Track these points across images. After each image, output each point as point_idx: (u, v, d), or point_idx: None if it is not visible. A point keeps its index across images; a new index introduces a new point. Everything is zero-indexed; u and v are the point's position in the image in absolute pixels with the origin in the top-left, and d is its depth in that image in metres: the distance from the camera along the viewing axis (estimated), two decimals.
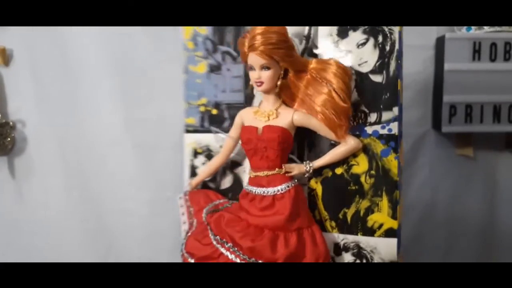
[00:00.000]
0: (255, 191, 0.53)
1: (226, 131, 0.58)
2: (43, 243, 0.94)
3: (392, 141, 0.56)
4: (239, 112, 0.57)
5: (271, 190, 0.54)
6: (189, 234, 0.59)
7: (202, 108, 0.61)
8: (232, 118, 0.59)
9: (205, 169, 0.58)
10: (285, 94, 0.55)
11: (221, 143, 0.60)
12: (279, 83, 0.54)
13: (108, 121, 0.91)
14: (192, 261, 0.54)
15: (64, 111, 0.91)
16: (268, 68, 0.52)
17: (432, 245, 1.07)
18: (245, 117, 0.55)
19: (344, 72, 0.55)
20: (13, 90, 0.90)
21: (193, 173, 0.61)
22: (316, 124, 0.55)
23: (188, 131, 0.61)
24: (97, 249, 0.94)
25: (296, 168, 0.56)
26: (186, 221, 0.58)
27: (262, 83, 0.52)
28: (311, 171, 0.56)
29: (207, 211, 0.57)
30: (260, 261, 0.51)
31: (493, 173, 1.08)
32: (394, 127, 0.56)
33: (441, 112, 1.01)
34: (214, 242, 0.53)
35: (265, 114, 0.54)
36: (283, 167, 0.55)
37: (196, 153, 0.61)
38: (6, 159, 0.91)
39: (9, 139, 0.90)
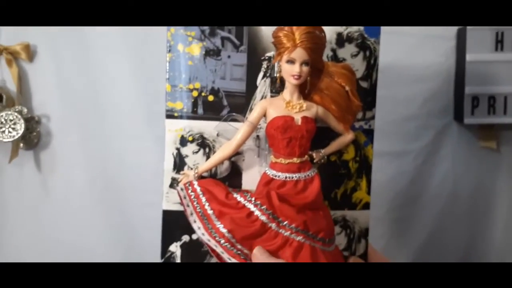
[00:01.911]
0: (286, 177, 0.57)
1: (225, 119, 0.59)
2: (67, 234, 0.95)
3: (370, 134, 0.66)
4: (262, 100, 0.59)
5: (303, 175, 0.58)
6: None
7: (195, 93, 0.60)
8: (232, 107, 0.61)
9: (216, 156, 0.59)
10: (302, 89, 0.59)
11: (219, 130, 0.60)
12: (308, 78, 0.58)
13: (130, 115, 0.92)
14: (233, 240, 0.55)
15: (87, 106, 0.92)
16: (307, 64, 0.56)
17: (454, 237, 1.05)
18: (272, 107, 0.57)
19: (354, 76, 0.61)
20: (38, 86, 0.92)
21: (181, 163, 0.61)
22: (331, 119, 0.61)
23: (172, 117, 0.60)
24: (120, 241, 0.96)
25: (318, 155, 0.62)
26: (193, 212, 0.58)
27: (300, 76, 0.56)
28: (325, 157, 0.62)
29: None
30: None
31: None
32: (372, 124, 0.66)
33: (463, 104, 0.99)
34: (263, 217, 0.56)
35: (297, 106, 0.58)
36: (313, 154, 0.61)
37: (185, 141, 0.60)
38: (32, 153, 0.93)
39: (34, 133, 0.91)
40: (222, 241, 0.56)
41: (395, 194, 1.01)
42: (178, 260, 0.62)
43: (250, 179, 0.62)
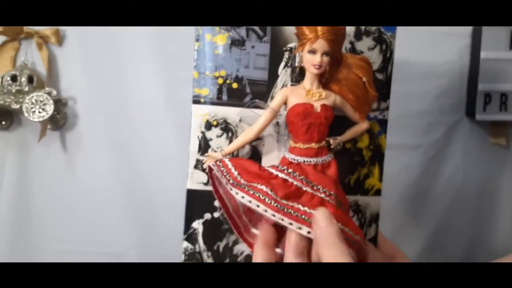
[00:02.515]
0: (304, 161, 0.60)
1: (248, 105, 0.63)
2: (90, 213, 0.99)
3: (384, 125, 0.69)
4: (283, 89, 0.62)
5: (320, 159, 0.61)
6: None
7: (220, 80, 0.63)
8: (254, 94, 0.64)
9: (240, 139, 0.62)
10: (321, 78, 0.62)
11: (242, 116, 0.63)
12: (328, 68, 0.61)
13: (155, 99, 0.95)
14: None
15: (112, 90, 0.96)
16: (327, 54, 0.58)
17: (461, 232, 1.07)
18: (293, 95, 0.60)
19: (371, 67, 0.64)
20: (65, 69, 0.95)
21: (206, 146, 0.64)
22: (348, 108, 0.64)
23: (198, 102, 0.64)
24: (139, 220, 0.99)
25: (335, 142, 0.65)
26: (227, 182, 0.61)
27: (320, 66, 0.59)
28: (341, 144, 0.66)
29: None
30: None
31: None
32: (386, 114, 0.69)
33: (475, 100, 1.01)
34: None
35: (317, 94, 0.60)
36: (330, 140, 0.64)
37: (209, 125, 0.63)
38: (58, 134, 0.97)
39: (61, 115, 0.95)
40: (266, 199, 0.57)
41: (405, 186, 1.04)
42: (199, 237, 0.66)
43: (269, 163, 0.64)
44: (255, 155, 0.66)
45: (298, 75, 0.64)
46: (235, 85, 0.65)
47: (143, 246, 1.00)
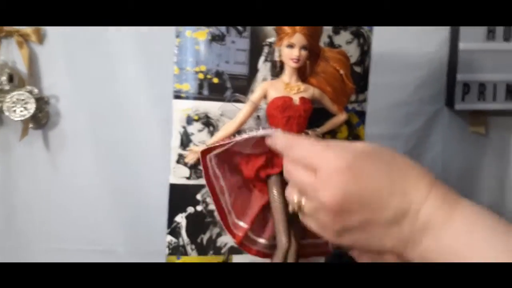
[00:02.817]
0: None
1: (229, 99, 0.63)
2: (76, 211, 0.98)
3: (362, 116, 0.71)
4: (263, 83, 0.63)
5: None
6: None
7: (201, 75, 0.64)
8: (235, 88, 0.65)
9: (221, 133, 0.63)
10: (300, 72, 0.63)
11: (223, 110, 0.64)
12: (308, 62, 0.62)
13: (138, 95, 0.95)
14: None
15: (95, 87, 0.95)
16: (305, 48, 0.59)
17: None
18: (272, 88, 0.61)
19: (349, 61, 0.65)
20: (47, 68, 0.94)
21: (187, 140, 0.65)
22: (326, 100, 0.65)
23: (179, 97, 0.64)
24: (127, 215, 0.99)
25: (313, 133, 0.65)
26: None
27: (299, 60, 0.59)
28: (320, 135, 0.66)
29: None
30: None
31: (505, 150, 1.09)
32: (364, 106, 0.71)
33: (454, 90, 1.03)
34: None
35: (295, 87, 0.61)
36: (309, 132, 0.64)
37: (191, 120, 0.64)
38: (41, 133, 0.96)
39: (43, 113, 0.95)
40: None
41: None
42: (183, 231, 0.66)
43: None
44: None
45: (278, 69, 0.64)
46: (215, 80, 0.66)
47: (130, 242, 1.00)
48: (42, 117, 0.95)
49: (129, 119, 0.97)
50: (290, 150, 0.49)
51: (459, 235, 0.41)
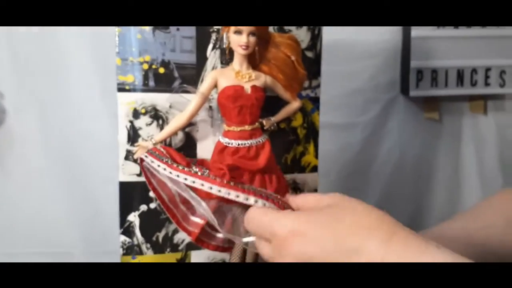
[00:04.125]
0: (239, 144, 0.58)
1: (177, 90, 0.59)
2: (26, 214, 0.93)
3: (316, 102, 0.69)
4: (212, 71, 0.60)
5: (255, 141, 0.59)
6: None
7: (145, 66, 0.60)
8: (183, 78, 0.61)
9: (171, 126, 0.59)
10: (250, 59, 0.60)
11: (172, 102, 0.60)
12: (256, 48, 0.58)
13: (85, 90, 0.90)
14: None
15: (41, 82, 0.90)
16: (254, 34, 0.56)
17: (402, 203, 1.08)
18: (223, 77, 0.58)
19: (299, 46, 0.63)
20: None
21: (135, 135, 0.60)
22: (279, 87, 0.62)
23: (123, 90, 0.60)
24: (81, 216, 0.94)
25: (268, 122, 0.63)
26: (160, 164, 0.57)
27: (247, 47, 0.57)
28: (275, 124, 0.64)
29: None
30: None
31: (457, 134, 1.10)
32: (318, 92, 0.69)
33: (409, 77, 1.02)
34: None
35: (246, 75, 0.58)
36: (263, 122, 0.62)
37: (137, 114, 0.60)
38: None
39: None
40: (210, 176, 0.54)
41: (344, 163, 1.04)
42: (137, 230, 0.62)
43: (205, 148, 0.62)
44: (190, 141, 0.62)
45: (228, 57, 0.61)
46: (161, 70, 0.61)
47: (85, 243, 0.95)
48: None
49: (77, 115, 0.92)
50: (248, 224, 0.50)
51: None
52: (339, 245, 0.41)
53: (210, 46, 0.62)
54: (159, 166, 0.56)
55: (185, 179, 0.54)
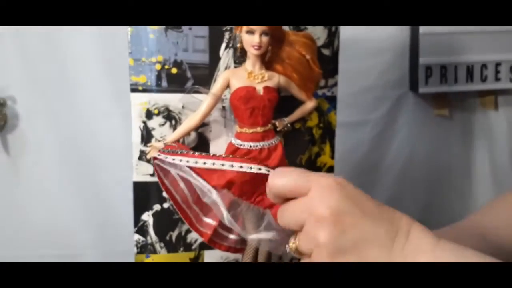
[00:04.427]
0: (251, 146, 0.57)
1: (189, 91, 0.59)
2: (40, 217, 0.93)
3: (333, 101, 0.67)
4: (224, 72, 0.59)
5: (267, 143, 0.58)
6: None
7: (158, 66, 0.59)
8: (196, 78, 0.60)
9: (183, 127, 0.58)
10: (263, 59, 0.59)
11: (184, 102, 0.59)
12: (269, 48, 0.57)
13: (97, 91, 0.90)
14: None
15: (53, 86, 0.89)
16: (267, 34, 0.55)
17: (412, 201, 1.08)
18: (235, 78, 0.57)
19: (315, 44, 0.61)
20: (1, 67, 0.88)
21: (149, 136, 0.60)
22: (293, 87, 0.61)
23: (136, 90, 0.59)
24: (94, 216, 0.94)
25: (281, 123, 0.61)
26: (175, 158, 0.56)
27: (260, 47, 0.55)
28: (288, 125, 0.62)
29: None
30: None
31: (468, 131, 1.09)
32: (335, 90, 0.67)
33: (417, 74, 1.02)
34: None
35: (259, 76, 0.57)
36: (275, 123, 0.60)
37: (150, 114, 0.59)
38: None
39: (0, 116, 0.88)
40: (223, 154, 0.55)
41: (355, 162, 1.03)
42: (150, 229, 0.62)
43: (218, 149, 0.61)
44: (202, 142, 0.62)
45: (241, 56, 0.60)
46: (174, 70, 0.60)
47: (99, 244, 0.95)
48: None
49: (90, 117, 0.91)
50: (282, 178, 0.48)
51: (450, 257, 0.41)
52: (379, 209, 0.43)
53: (223, 45, 0.61)
54: (174, 159, 0.56)
55: (204, 163, 0.54)
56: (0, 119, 0.89)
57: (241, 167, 0.53)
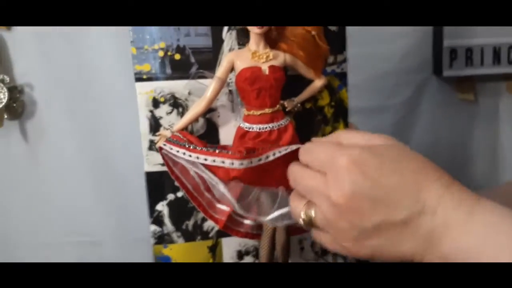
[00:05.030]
0: (260, 128, 0.55)
1: (193, 76, 0.58)
2: (59, 204, 0.93)
3: (344, 78, 0.63)
4: (228, 54, 0.57)
5: (276, 124, 0.56)
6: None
7: (161, 53, 0.57)
8: (200, 63, 0.58)
9: (189, 114, 0.57)
10: (267, 38, 0.57)
11: (190, 89, 0.57)
12: (273, 27, 0.56)
13: (112, 79, 0.89)
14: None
15: (69, 73, 0.89)
16: None
17: None
18: (239, 59, 0.55)
19: None
20: (18, 54, 0.87)
21: (157, 125, 0.59)
22: (301, 65, 0.58)
23: (141, 79, 0.58)
24: (111, 205, 0.94)
25: (291, 104, 0.60)
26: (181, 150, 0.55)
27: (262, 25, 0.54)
28: (298, 105, 0.60)
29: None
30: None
31: (494, 115, 1.05)
32: (344, 67, 0.63)
33: (441, 57, 0.98)
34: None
35: (264, 55, 0.55)
36: (284, 103, 0.59)
37: (157, 103, 0.58)
38: (17, 123, 0.89)
39: (18, 103, 0.88)
40: (230, 152, 0.54)
41: None
42: (166, 219, 0.62)
43: (227, 134, 0.60)
44: (211, 127, 0.61)
45: (245, 37, 0.57)
46: (177, 56, 0.59)
47: (117, 232, 0.95)
48: (17, 107, 0.88)
49: (108, 105, 0.90)
50: (303, 155, 0.47)
51: (481, 236, 0.38)
52: (403, 183, 0.40)
53: (226, 27, 0.59)
54: (178, 151, 0.55)
55: (205, 159, 0.53)
56: (18, 106, 0.89)
57: (222, 162, 0.52)
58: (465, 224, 0.38)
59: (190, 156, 0.54)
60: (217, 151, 0.53)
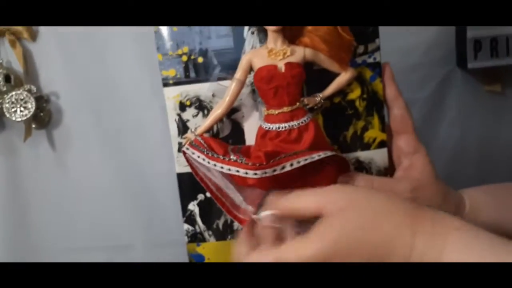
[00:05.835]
0: (279, 127, 0.54)
1: (217, 78, 0.58)
2: (89, 210, 0.94)
3: (377, 68, 0.61)
4: (245, 54, 0.56)
5: (296, 123, 0.54)
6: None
7: (184, 58, 0.58)
8: (223, 64, 0.58)
9: (211, 117, 0.57)
10: (286, 33, 0.55)
11: (213, 91, 0.57)
12: None
13: (137, 85, 0.89)
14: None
15: (94, 81, 0.90)
16: None
17: (464, 182, 1.01)
18: (256, 58, 0.54)
19: None
20: (43, 64, 0.89)
21: (184, 127, 0.60)
22: (323, 58, 0.56)
23: (168, 84, 0.59)
24: (139, 210, 0.95)
25: (312, 100, 0.58)
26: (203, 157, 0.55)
27: None
28: (322, 101, 0.58)
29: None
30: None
31: None
32: (377, 56, 0.61)
33: (465, 49, 0.95)
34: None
35: (280, 52, 0.54)
36: (304, 100, 0.57)
37: (183, 106, 0.59)
38: (44, 132, 0.91)
39: (45, 112, 0.90)
40: (243, 161, 0.52)
41: None
42: (198, 218, 0.63)
43: (252, 134, 0.59)
44: (237, 128, 0.61)
45: (264, 35, 0.57)
46: (200, 60, 0.59)
47: (147, 235, 0.96)
48: (44, 116, 0.90)
49: (133, 110, 0.91)
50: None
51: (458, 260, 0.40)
52: (373, 235, 0.42)
53: (246, 27, 0.59)
54: (198, 157, 0.55)
55: (221, 167, 0.53)
56: (45, 115, 0.90)
57: (237, 171, 0.52)
58: (440, 257, 0.40)
59: (208, 162, 0.54)
60: (232, 159, 0.53)
